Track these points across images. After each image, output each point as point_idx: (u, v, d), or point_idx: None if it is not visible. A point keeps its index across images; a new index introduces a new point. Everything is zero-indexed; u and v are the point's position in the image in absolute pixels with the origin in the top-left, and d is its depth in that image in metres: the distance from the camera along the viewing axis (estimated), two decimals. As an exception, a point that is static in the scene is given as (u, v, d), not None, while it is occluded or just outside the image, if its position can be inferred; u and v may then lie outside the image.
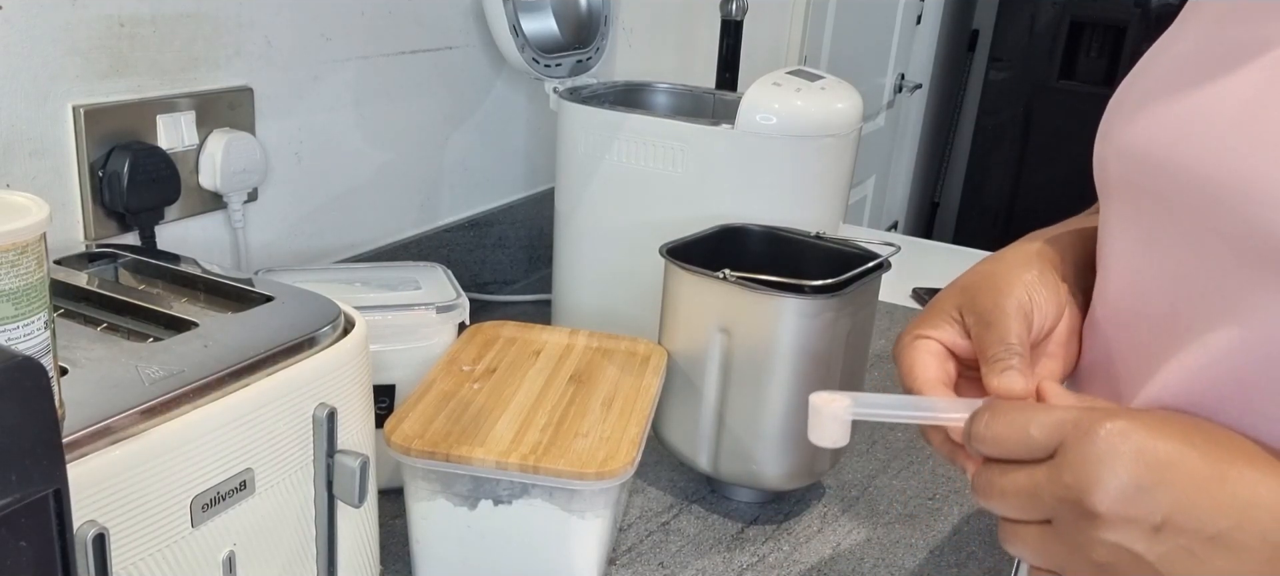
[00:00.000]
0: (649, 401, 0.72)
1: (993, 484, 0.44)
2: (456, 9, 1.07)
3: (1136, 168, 0.48)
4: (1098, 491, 0.40)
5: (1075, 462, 0.41)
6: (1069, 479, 0.40)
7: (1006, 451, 0.44)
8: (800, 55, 1.94)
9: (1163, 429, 0.40)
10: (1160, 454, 0.40)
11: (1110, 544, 0.40)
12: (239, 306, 0.57)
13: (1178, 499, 0.39)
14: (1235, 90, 0.43)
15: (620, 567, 0.72)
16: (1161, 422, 0.41)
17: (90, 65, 0.73)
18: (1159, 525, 0.39)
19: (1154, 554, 0.39)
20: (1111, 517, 0.40)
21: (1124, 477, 0.39)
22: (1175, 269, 0.46)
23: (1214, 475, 0.39)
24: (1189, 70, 0.46)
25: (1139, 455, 0.40)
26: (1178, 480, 0.39)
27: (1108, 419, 0.41)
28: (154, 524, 0.44)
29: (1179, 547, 0.39)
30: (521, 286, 1.25)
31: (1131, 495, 0.39)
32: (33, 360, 0.30)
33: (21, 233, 0.36)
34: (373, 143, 1.01)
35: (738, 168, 0.90)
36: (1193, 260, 0.45)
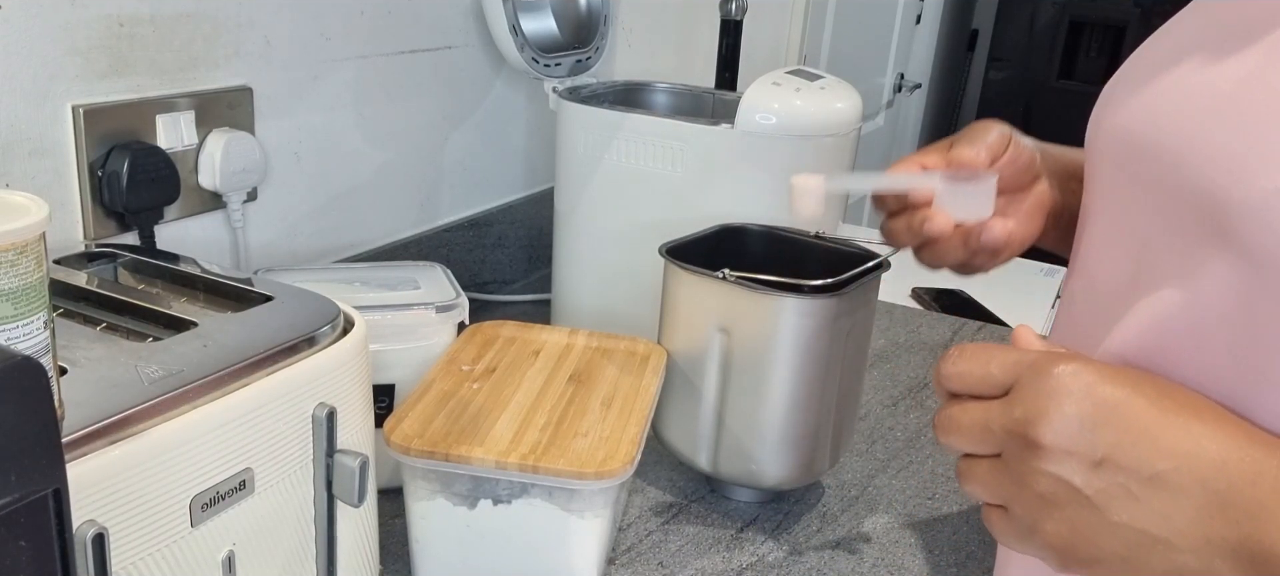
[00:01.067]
0: (648, 401, 0.72)
1: (952, 418, 0.46)
2: (456, 9, 1.07)
3: (1120, 146, 0.51)
4: (1042, 423, 0.41)
5: (1026, 397, 0.42)
6: (1019, 412, 0.42)
7: (968, 386, 0.46)
8: (800, 55, 1.94)
9: (1115, 375, 0.42)
10: (1108, 394, 0.41)
11: (1051, 475, 0.41)
12: (238, 306, 0.57)
13: (1120, 438, 0.40)
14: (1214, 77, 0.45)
15: (620, 567, 0.72)
16: (1115, 370, 0.42)
17: (90, 65, 0.73)
18: (1099, 460, 0.40)
19: (1092, 488, 0.41)
20: (1054, 449, 0.41)
21: (1069, 411, 0.41)
22: (1142, 238, 0.48)
23: (1158, 419, 0.40)
24: (1177, 55, 0.48)
25: (1087, 393, 0.41)
26: (1122, 420, 0.40)
27: (1063, 360, 0.42)
28: (153, 523, 0.44)
29: (1117, 484, 0.40)
30: (521, 286, 1.25)
31: (1074, 430, 0.41)
32: (32, 360, 0.30)
33: (21, 232, 0.36)
34: (372, 142, 1.01)
35: (737, 168, 0.90)
36: (1158, 229, 0.47)
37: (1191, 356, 0.44)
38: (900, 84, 2.70)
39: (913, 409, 1.00)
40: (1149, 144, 0.47)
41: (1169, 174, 0.45)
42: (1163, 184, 0.46)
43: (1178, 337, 0.44)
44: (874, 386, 1.05)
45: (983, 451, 0.45)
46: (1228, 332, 0.42)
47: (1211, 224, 0.42)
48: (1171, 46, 0.51)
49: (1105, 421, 0.40)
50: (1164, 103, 0.47)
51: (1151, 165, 0.47)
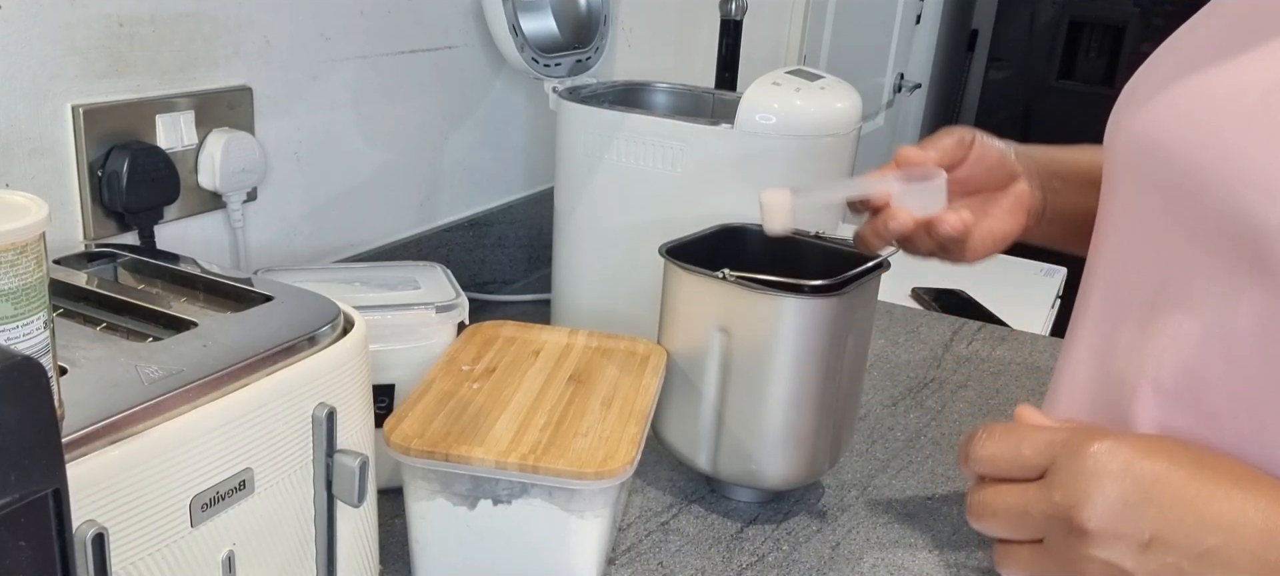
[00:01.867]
0: (648, 401, 0.72)
1: (986, 503, 0.45)
2: (456, 9, 1.07)
3: (1142, 153, 0.49)
4: (1086, 507, 0.40)
5: (1065, 480, 0.41)
6: (1058, 497, 0.41)
7: (1000, 470, 0.45)
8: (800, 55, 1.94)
9: (1150, 448, 0.41)
10: (1147, 471, 0.40)
11: (1100, 560, 0.40)
12: (238, 306, 0.57)
13: (1165, 515, 0.39)
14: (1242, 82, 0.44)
15: (620, 567, 0.72)
16: (1149, 443, 0.41)
17: (89, 65, 0.73)
18: (1147, 542, 0.39)
19: (1144, 570, 0.40)
20: (1100, 534, 0.40)
21: (1112, 494, 0.40)
22: (1167, 253, 0.47)
23: (1201, 493, 0.39)
24: (1200, 57, 0.47)
25: (1126, 472, 0.40)
26: (1165, 497, 0.39)
27: (1096, 438, 0.41)
28: (153, 523, 0.44)
29: (1168, 565, 0.39)
30: (521, 286, 1.25)
31: (1119, 511, 0.40)
32: (32, 360, 0.30)
33: (21, 232, 0.36)
34: (372, 142, 1.01)
35: (737, 167, 0.90)
36: (1184, 245, 0.46)
37: (1223, 385, 0.43)
38: (900, 84, 2.71)
39: (913, 409, 1.00)
40: (1173, 153, 0.46)
41: (1197, 188, 0.44)
42: (1190, 197, 0.45)
43: (1210, 364, 0.43)
44: (874, 386, 1.05)
45: (1023, 537, 0.44)
46: (1262, 363, 0.41)
47: (1249, 249, 0.41)
48: (1194, 48, 0.49)
49: (1148, 499, 0.40)
50: (1188, 109, 0.46)
51: (1176, 176, 0.46)
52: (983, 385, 1.07)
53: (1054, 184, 0.70)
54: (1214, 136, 0.43)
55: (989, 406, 1.02)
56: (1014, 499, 0.43)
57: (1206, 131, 0.44)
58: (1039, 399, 1.04)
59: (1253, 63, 0.44)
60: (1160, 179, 0.48)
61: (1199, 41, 0.50)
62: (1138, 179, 0.50)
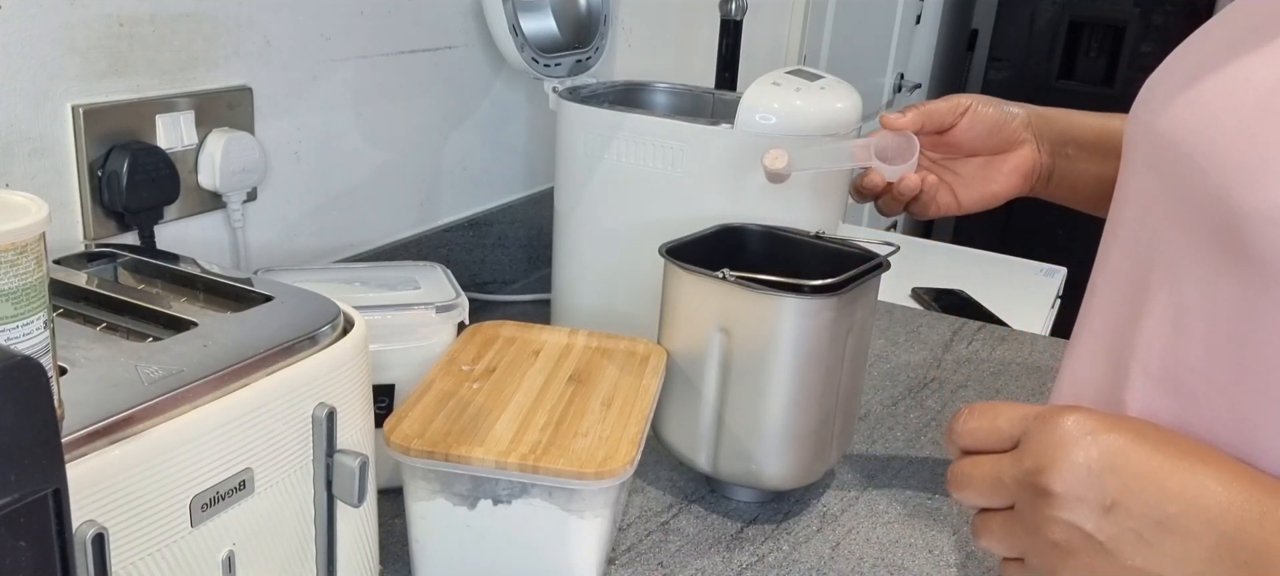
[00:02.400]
0: (648, 401, 0.72)
1: (963, 473, 0.47)
2: (456, 9, 1.07)
3: (1150, 144, 0.51)
4: (1051, 471, 0.42)
5: (1035, 448, 0.43)
6: (1029, 463, 0.43)
7: (979, 442, 0.47)
8: (800, 55, 1.94)
9: (1118, 423, 0.43)
10: (1113, 442, 0.42)
11: (1064, 522, 0.42)
12: (238, 306, 0.57)
13: (1128, 483, 0.41)
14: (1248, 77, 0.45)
15: (620, 567, 0.72)
16: (1118, 419, 0.43)
17: (89, 65, 0.73)
18: (1109, 505, 0.41)
19: (1104, 534, 0.41)
20: (1064, 496, 0.42)
21: (1077, 459, 0.42)
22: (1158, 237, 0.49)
23: (1163, 464, 0.41)
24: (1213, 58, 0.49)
25: (1092, 440, 0.42)
26: (1128, 465, 0.41)
27: (1068, 411, 0.43)
28: (153, 523, 0.44)
29: (1128, 529, 0.41)
30: (521, 286, 1.25)
31: (1083, 476, 0.42)
32: (32, 360, 0.30)
33: (21, 232, 0.36)
34: (372, 142, 1.01)
35: (737, 168, 0.90)
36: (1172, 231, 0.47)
37: (1202, 369, 0.44)
38: (900, 84, 2.71)
39: (913, 409, 1.00)
40: (1172, 142, 0.48)
41: (1186, 175, 0.46)
42: (1180, 184, 0.46)
43: (1190, 348, 0.45)
44: (874, 386, 1.05)
45: (996, 504, 0.46)
46: (1236, 347, 0.42)
47: (1227, 234, 0.42)
48: (1210, 47, 0.51)
49: (1112, 467, 0.41)
50: (1194, 103, 0.47)
51: (1171, 164, 0.47)
52: (983, 385, 1.07)
53: (1068, 150, 0.76)
54: (1212, 127, 0.45)
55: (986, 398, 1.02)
56: (989, 468, 0.46)
57: (1206, 122, 0.46)
58: (1039, 398, 1.04)
59: (1260, 60, 0.45)
60: (1159, 168, 0.49)
61: (1216, 40, 0.51)
62: (1142, 169, 0.52)
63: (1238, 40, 0.47)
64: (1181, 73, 0.51)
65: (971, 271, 1.60)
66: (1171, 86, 0.50)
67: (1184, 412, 0.45)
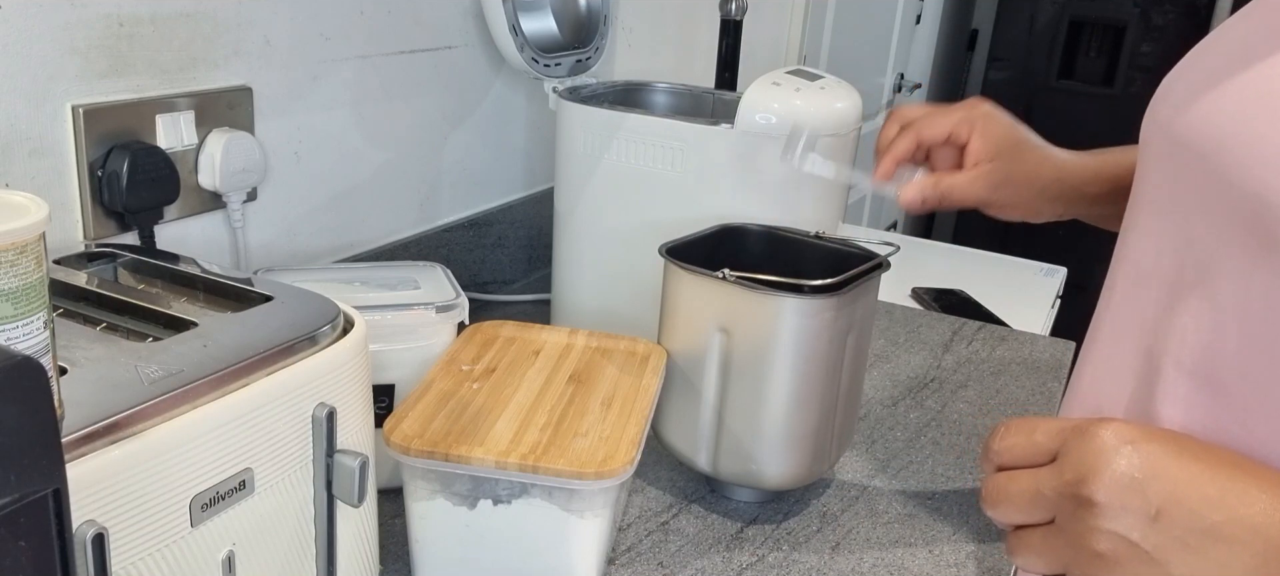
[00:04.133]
0: (648, 401, 0.72)
1: (1000, 488, 0.46)
2: (456, 9, 1.07)
3: (1173, 143, 0.51)
4: (1094, 481, 0.42)
5: (1074, 459, 0.43)
6: (1070, 475, 0.43)
7: (1016, 458, 0.46)
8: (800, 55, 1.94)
9: (1158, 433, 0.43)
10: (1154, 451, 0.41)
11: (1109, 532, 0.41)
12: (238, 306, 0.57)
13: (1172, 491, 0.41)
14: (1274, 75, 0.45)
15: (620, 567, 0.72)
16: (1157, 430, 0.43)
17: (89, 65, 0.73)
18: (1155, 514, 0.41)
19: (1150, 543, 0.41)
20: (1109, 506, 0.41)
21: (1120, 468, 0.41)
22: (1186, 235, 0.49)
23: (1205, 472, 0.41)
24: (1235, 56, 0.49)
25: (1134, 450, 0.42)
26: (1171, 474, 0.41)
27: (1105, 424, 0.43)
28: (153, 523, 0.44)
29: (1174, 538, 0.40)
30: (521, 286, 1.25)
31: (1127, 485, 0.41)
32: (32, 360, 0.30)
33: (20, 232, 0.36)
34: (372, 142, 1.01)
35: (737, 168, 0.90)
36: (1203, 228, 0.47)
37: (1237, 363, 0.44)
38: (900, 84, 2.70)
39: (913, 409, 1.00)
40: (1200, 138, 0.48)
41: (1218, 171, 0.46)
42: (1211, 180, 0.46)
43: (1225, 342, 0.45)
44: (874, 386, 1.05)
45: (1035, 519, 0.45)
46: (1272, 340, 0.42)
47: (1262, 228, 0.42)
48: (1229, 46, 0.51)
49: (1156, 475, 0.41)
50: (1219, 99, 0.48)
51: (1201, 160, 0.47)
52: (983, 385, 1.07)
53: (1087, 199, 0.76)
54: (1245, 124, 0.45)
55: (989, 406, 1.02)
56: (1027, 482, 0.45)
57: (1238, 120, 0.46)
58: (1040, 398, 1.04)
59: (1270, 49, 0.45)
60: (1186, 166, 0.49)
61: (1238, 40, 0.51)
62: (1167, 166, 0.52)
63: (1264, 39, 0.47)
64: (1203, 72, 0.51)
65: (971, 271, 1.60)
66: (1195, 86, 0.50)
67: (1219, 407, 0.45)
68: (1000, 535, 0.80)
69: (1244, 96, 0.46)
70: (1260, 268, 0.43)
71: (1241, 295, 0.44)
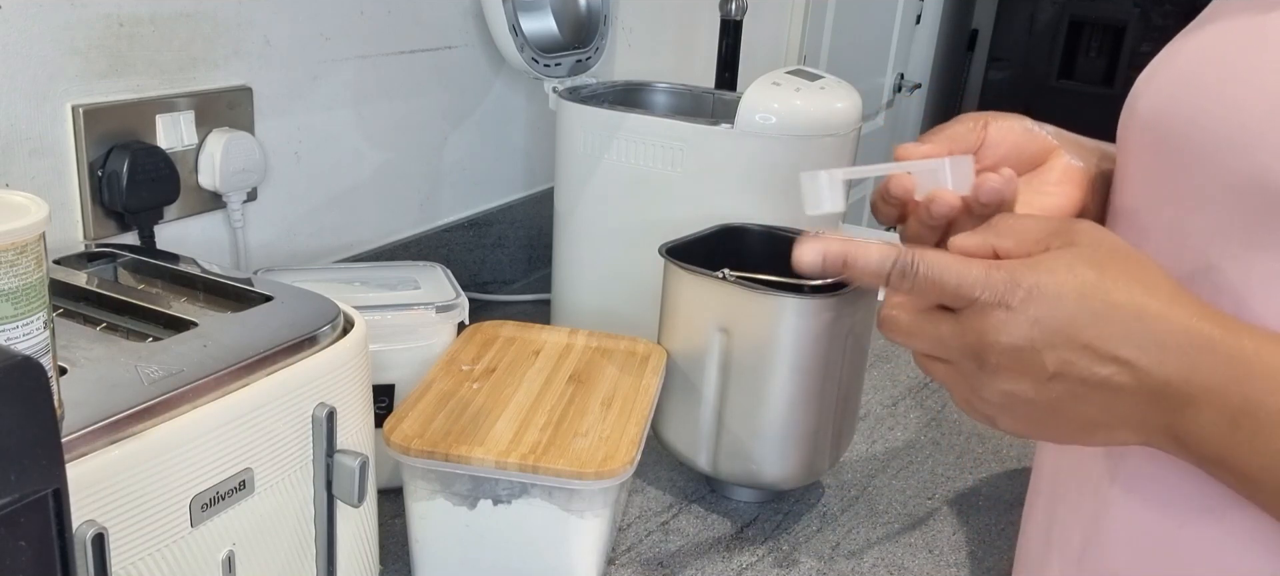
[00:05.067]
0: (648, 401, 0.72)
1: (902, 324, 0.48)
2: (456, 9, 1.07)
3: (1155, 132, 0.51)
4: (992, 350, 0.44)
5: (976, 325, 0.44)
6: (972, 338, 0.45)
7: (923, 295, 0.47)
8: (800, 55, 1.94)
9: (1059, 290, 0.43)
10: (1053, 318, 0.43)
11: (1006, 390, 0.44)
12: (238, 306, 0.57)
13: (1068, 355, 0.43)
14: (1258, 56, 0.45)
15: (620, 567, 0.72)
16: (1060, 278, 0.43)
17: (89, 65, 0.73)
18: (1051, 376, 0.43)
19: (1043, 397, 0.44)
20: (1007, 370, 0.44)
21: (1019, 338, 0.43)
22: (1183, 229, 0.49)
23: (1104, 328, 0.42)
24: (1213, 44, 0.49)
25: (1034, 322, 0.43)
26: (1068, 339, 0.43)
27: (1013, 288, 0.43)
28: (153, 523, 0.44)
29: (1066, 391, 0.43)
30: (521, 286, 1.25)
31: (1025, 354, 0.43)
32: (32, 360, 0.30)
33: (20, 232, 0.36)
34: (372, 142, 1.01)
35: (737, 167, 0.90)
36: (1203, 221, 0.47)
37: None
38: (900, 84, 2.70)
39: (913, 409, 1.00)
40: (1185, 124, 0.48)
41: (1210, 156, 0.46)
42: (1203, 166, 0.47)
43: None
44: (874, 386, 1.05)
45: (936, 355, 0.48)
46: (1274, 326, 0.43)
47: (1265, 211, 0.43)
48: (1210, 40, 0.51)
49: (1052, 344, 0.43)
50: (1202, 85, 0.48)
51: (1188, 146, 0.48)
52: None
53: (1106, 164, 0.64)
54: (1238, 110, 0.45)
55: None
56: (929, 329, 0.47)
57: (1221, 102, 0.46)
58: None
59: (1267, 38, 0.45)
60: (1172, 152, 0.49)
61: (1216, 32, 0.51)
62: (1154, 160, 0.52)
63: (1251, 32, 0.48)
64: (1182, 66, 0.51)
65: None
66: (1180, 80, 0.50)
67: None
68: (1000, 535, 0.80)
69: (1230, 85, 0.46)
70: (1264, 251, 0.44)
71: (1246, 279, 0.45)
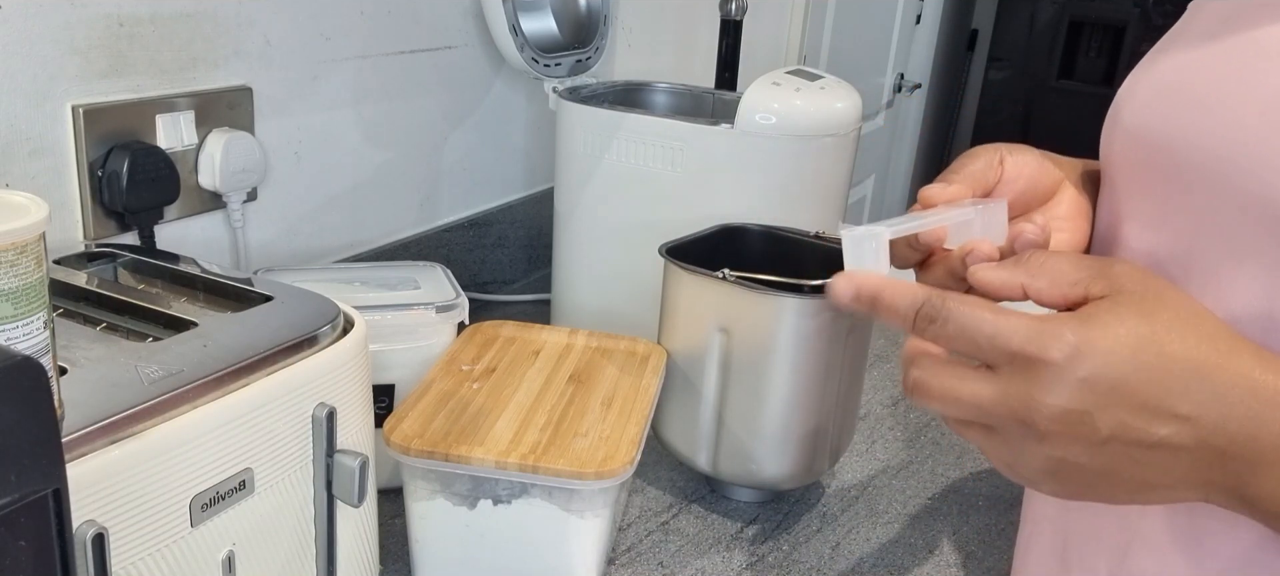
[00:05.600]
0: (648, 401, 0.72)
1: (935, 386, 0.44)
2: (456, 9, 1.07)
3: (1148, 150, 0.49)
4: (1040, 414, 0.40)
5: (1021, 387, 0.41)
6: (1015, 402, 0.41)
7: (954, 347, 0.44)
8: (800, 55, 1.94)
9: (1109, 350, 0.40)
10: (1104, 378, 0.40)
11: (1056, 457, 0.41)
12: (238, 306, 0.57)
13: (1122, 418, 0.40)
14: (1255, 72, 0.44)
15: (620, 567, 0.72)
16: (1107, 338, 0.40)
17: (89, 65, 0.73)
18: (1104, 440, 0.40)
19: (1097, 462, 0.41)
20: (1057, 437, 0.41)
21: (1070, 403, 0.40)
22: (1179, 247, 0.47)
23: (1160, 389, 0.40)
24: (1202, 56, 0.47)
25: (1086, 382, 0.40)
26: (1122, 400, 0.40)
27: (1055, 339, 0.40)
28: (153, 523, 0.44)
29: (1121, 453, 0.41)
30: (521, 286, 1.25)
31: (1076, 419, 0.40)
32: (32, 360, 0.30)
33: (20, 232, 0.36)
34: (372, 142, 1.01)
35: (737, 168, 0.90)
36: (1198, 238, 0.46)
37: None
38: (900, 84, 2.70)
39: (913, 409, 1.00)
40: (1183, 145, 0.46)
41: (1214, 178, 0.44)
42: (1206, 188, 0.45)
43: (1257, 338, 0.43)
44: (874, 386, 1.05)
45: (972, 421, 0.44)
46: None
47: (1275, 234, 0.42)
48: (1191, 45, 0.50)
49: (1105, 406, 0.40)
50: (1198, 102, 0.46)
51: (1188, 168, 0.46)
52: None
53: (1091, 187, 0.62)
54: (1233, 127, 0.44)
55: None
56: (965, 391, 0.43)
57: (1223, 122, 0.45)
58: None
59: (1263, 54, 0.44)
60: (1170, 172, 0.48)
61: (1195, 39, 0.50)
62: (1150, 178, 0.50)
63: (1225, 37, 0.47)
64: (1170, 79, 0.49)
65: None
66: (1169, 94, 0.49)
67: None
68: (1000, 535, 0.80)
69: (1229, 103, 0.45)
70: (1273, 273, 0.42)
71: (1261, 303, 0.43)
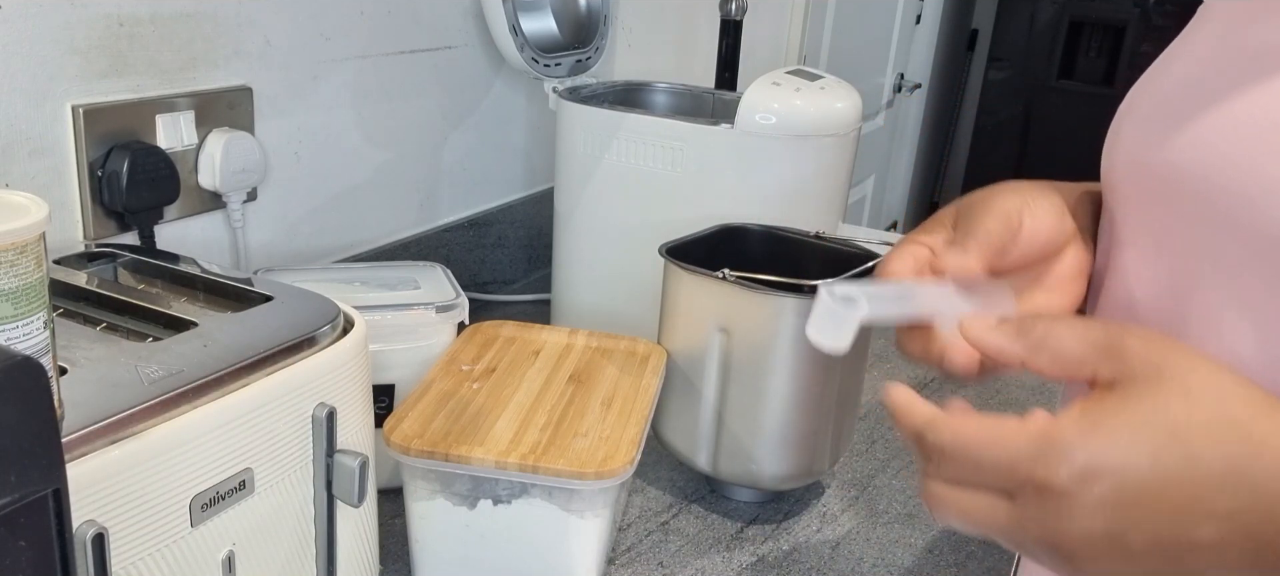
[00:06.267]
0: (648, 401, 0.72)
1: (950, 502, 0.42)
2: (456, 9, 1.07)
3: (1149, 177, 0.48)
4: (1067, 543, 0.38)
5: (1036, 516, 0.39)
6: (1034, 530, 0.39)
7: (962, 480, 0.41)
8: (800, 55, 1.94)
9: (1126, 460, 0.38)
10: (1128, 492, 0.38)
11: (1093, 571, 0.39)
12: (238, 306, 0.57)
13: (1156, 529, 0.38)
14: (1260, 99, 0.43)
15: (620, 567, 0.72)
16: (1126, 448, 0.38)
17: (89, 65, 0.73)
18: (1138, 553, 0.38)
19: (1141, 568, 0.39)
20: (1086, 558, 0.39)
21: (1093, 527, 0.38)
22: (1186, 275, 0.46)
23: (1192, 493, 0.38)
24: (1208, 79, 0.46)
25: (1104, 504, 0.38)
26: (1153, 513, 0.38)
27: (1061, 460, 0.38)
28: (153, 523, 0.44)
29: (1159, 559, 0.38)
30: (521, 286, 1.25)
31: (1104, 543, 0.38)
32: (32, 360, 0.30)
33: (20, 232, 0.36)
34: (372, 142, 1.01)
35: (737, 167, 0.90)
36: (1207, 266, 0.45)
37: None
38: (900, 84, 2.70)
39: (913, 409, 1.00)
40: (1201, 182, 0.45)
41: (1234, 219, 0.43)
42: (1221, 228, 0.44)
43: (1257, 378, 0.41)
44: (874, 386, 1.05)
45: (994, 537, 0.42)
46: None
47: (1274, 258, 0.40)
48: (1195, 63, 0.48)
49: (1136, 522, 0.38)
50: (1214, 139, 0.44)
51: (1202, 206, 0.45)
52: (982, 386, 1.07)
53: None
54: (1251, 155, 0.42)
55: (989, 406, 1.02)
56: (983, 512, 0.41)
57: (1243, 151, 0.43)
58: (1040, 398, 1.04)
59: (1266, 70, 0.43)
60: (1183, 209, 0.46)
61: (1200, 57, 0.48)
62: (1150, 204, 0.48)
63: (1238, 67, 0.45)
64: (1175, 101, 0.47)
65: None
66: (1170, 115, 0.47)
67: None
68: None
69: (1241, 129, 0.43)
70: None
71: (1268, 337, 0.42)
